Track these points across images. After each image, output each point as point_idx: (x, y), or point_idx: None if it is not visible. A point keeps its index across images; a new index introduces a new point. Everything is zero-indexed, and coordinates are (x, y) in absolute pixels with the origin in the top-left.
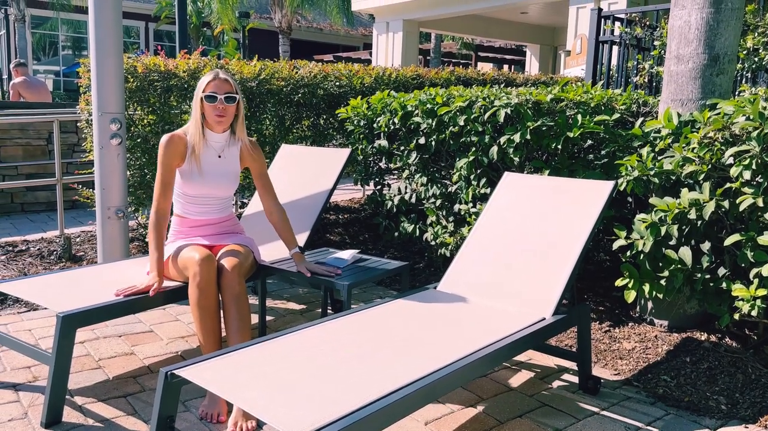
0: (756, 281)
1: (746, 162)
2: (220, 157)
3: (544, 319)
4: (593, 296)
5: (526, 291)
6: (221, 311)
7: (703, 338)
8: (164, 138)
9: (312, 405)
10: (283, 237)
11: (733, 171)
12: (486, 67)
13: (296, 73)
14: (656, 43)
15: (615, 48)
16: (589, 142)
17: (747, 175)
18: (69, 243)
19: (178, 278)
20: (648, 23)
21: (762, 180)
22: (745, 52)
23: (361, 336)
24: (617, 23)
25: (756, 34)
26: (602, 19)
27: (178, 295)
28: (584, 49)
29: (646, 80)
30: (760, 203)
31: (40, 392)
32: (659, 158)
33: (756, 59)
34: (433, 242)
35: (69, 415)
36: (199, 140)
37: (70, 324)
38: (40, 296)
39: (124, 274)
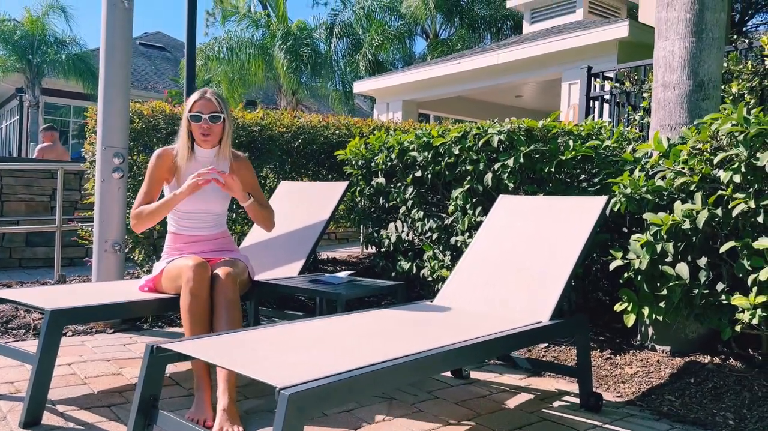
0: (755, 288)
1: (735, 166)
2: None
3: (541, 322)
4: (593, 328)
5: (523, 301)
6: (212, 323)
7: (706, 360)
8: (156, 152)
9: (300, 366)
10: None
11: (724, 176)
12: None
13: (297, 120)
14: (645, 95)
15: (606, 106)
16: (583, 176)
17: (737, 179)
18: (63, 280)
19: (170, 291)
20: (636, 78)
21: (752, 180)
22: (731, 98)
23: (352, 330)
24: (606, 81)
25: (740, 80)
26: (592, 77)
27: (172, 305)
28: (576, 118)
29: (637, 130)
30: (752, 205)
31: (22, 401)
32: (651, 175)
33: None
34: (430, 278)
35: (49, 419)
36: (185, 156)
37: (58, 319)
38: (29, 297)
39: (119, 287)
